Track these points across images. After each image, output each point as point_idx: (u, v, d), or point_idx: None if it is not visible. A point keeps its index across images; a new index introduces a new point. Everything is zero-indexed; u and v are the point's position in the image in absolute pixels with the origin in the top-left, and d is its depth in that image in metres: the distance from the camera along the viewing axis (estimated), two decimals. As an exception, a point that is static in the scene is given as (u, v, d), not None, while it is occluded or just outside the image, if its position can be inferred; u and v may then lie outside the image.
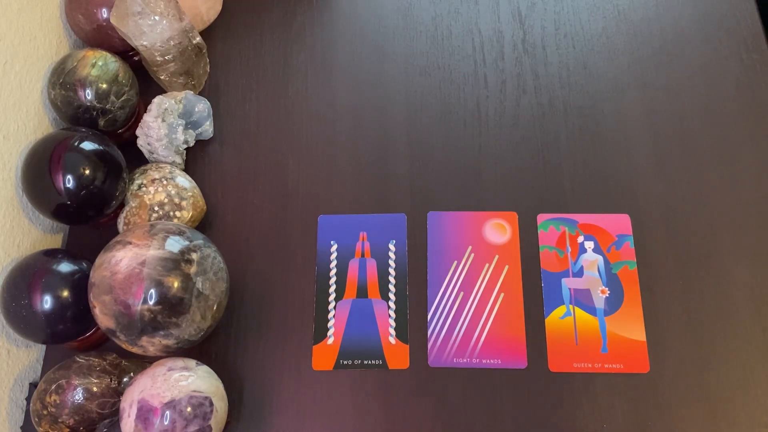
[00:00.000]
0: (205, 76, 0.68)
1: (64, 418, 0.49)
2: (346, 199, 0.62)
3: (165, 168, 0.60)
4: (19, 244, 0.58)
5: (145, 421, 0.47)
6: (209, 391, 0.49)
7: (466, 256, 0.59)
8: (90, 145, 0.55)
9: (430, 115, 0.65)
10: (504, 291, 0.57)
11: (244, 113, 0.66)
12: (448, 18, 0.69)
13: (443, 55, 0.68)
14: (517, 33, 0.68)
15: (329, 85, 0.67)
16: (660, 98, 0.64)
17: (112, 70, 0.59)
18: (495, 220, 0.60)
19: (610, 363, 0.54)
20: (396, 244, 0.60)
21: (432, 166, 0.63)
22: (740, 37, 0.66)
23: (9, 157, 0.57)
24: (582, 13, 0.69)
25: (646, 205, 0.60)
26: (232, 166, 0.64)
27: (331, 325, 0.57)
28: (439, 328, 0.56)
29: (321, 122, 0.65)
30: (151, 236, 0.49)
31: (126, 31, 0.60)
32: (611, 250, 0.58)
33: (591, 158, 0.62)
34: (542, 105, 0.65)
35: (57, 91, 0.58)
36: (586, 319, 0.56)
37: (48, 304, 0.51)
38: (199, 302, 0.49)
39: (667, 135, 0.63)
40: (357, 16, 0.70)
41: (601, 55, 0.66)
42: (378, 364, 0.55)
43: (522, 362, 0.55)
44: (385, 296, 0.58)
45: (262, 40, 0.70)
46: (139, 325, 0.48)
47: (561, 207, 0.60)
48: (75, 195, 0.53)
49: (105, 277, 0.48)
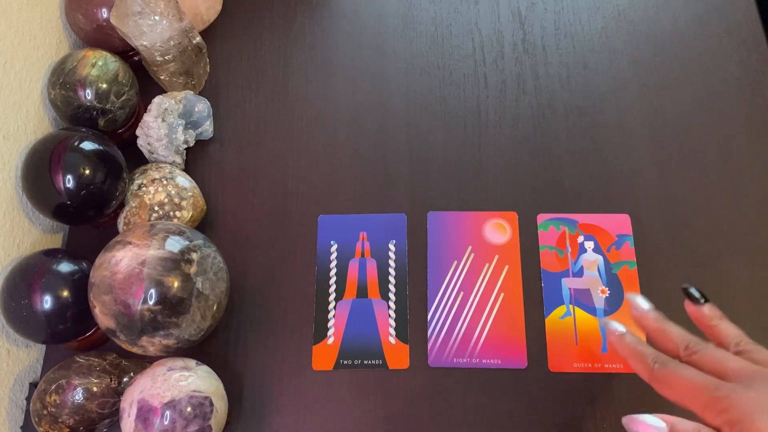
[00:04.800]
0: (205, 76, 0.68)
1: (64, 418, 0.49)
2: (346, 199, 0.62)
3: (165, 168, 0.60)
4: (19, 244, 0.58)
5: (145, 421, 0.47)
6: (209, 391, 0.49)
7: (466, 256, 0.59)
8: (90, 145, 0.55)
9: (430, 115, 0.65)
10: (504, 291, 0.57)
11: (244, 113, 0.66)
12: (448, 18, 0.69)
13: (443, 55, 0.68)
14: (517, 33, 0.68)
15: (329, 85, 0.67)
16: (660, 98, 0.64)
17: (112, 70, 0.59)
18: (495, 220, 0.60)
19: (610, 363, 0.54)
20: (396, 244, 0.60)
21: (432, 166, 0.63)
22: (740, 37, 0.66)
23: (9, 157, 0.57)
24: (582, 13, 0.69)
25: (646, 205, 0.60)
26: (232, 166, 0.64)
27: (331, 325, 0.57)
28: (439, 328, 0.56)
29: (321, 122, 0.65)
30: (151, 236, 0.49)
31: (126, 31, 0.60)
32: (611, 250, 0.58)
33: (591, 158, 0.62)
34: (542, 105, 0.65)
35: (57, 91, 0.58)
36: (586, 319, 0.56)
37: (48, 304, 0.51)
38: (199, 302, 0.49)
39: (667, 135, 0.63)
40: (357, 16, 0.70)
41: (601, 55, 0.66)
42: (378, 364, 0.55)
43: (522, 362, 0.55)
44: (385, 296, 0.58)
45: (262, 40, 0.70)
46: (139, 325, 0.48)
47: (561, 207, 0.60)
48: (75, 195, 0.53)
49: (105, 277, 0.48)
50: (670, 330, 0.44)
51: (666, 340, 0.43)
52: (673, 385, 0.40)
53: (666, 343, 0.43)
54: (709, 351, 0.41)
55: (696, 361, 0.41)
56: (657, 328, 0.44)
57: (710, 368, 0.40)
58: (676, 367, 0.41)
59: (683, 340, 0.42)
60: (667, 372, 0.40)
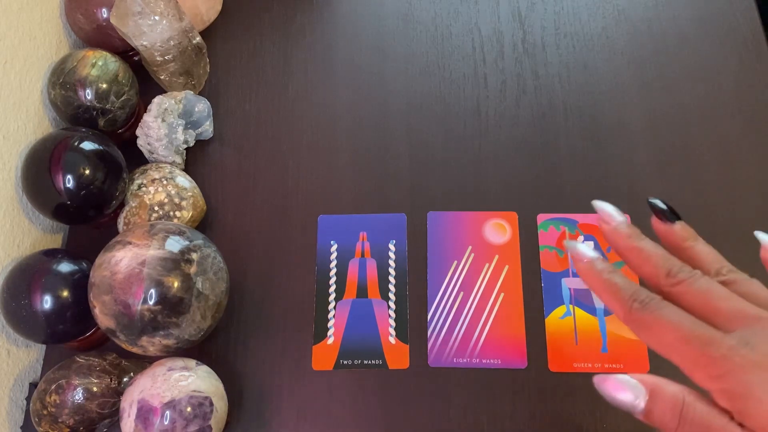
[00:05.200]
0: (205, 76, 0.68)
1: (64, 418, 0.49)
2: (346, 199, 0.62)
3: (165, 168, 0.60)
4: (19, 244, 0.58)
5: (145, 421, 0.47)
6: (209, 391, 0.49)
7: (466, 256, 0.59)
8: (90, 145, 0.55)
9: (430, 115, 0.65)
10: (504, 291, 0.57)
11: (244, 113, 0.66)
12: (448, 18, 0.69)
13: (443, 55, 0.68)
14: (517, 33, 0.68)
15: (329, 85, 0.67)
16: (660, 98, 0.64)
17: (112, 70, 0.59)
18: (495, 220, 0.60)
19: (610, 363, 0.54)
20: (396, 244, 0.60)
21: (432, 166, 0.63)
22: (740, 37, 0.66)
23: (9, 157, 0.57)
24: (582, 13, 0.69)
25: (646, 205, 0.60)
26: (232, 166, 0.64)
27: (331, 325, 0.57)
28: (439, 328, 0.56)
29: (321, 122, 0.65)
30: (151, 236, 0.49)
31: (126, 31, 0.60)
32: (611, 250, 0.58)
33: (591, 158, 0.62)
34: (542, 105, 0.65)
35: (57, 91, 0.58)
36: (586, 319, 0.56)
37: (48, 304, 0.51)
38: (199, 302, 0.49)
39: (667, 135, 0.63)
40: (357, 16, 0.70)
41: (601, 55, 0.67)
42: (378, 364, 0.55)
43: (522, 362, 0.55)
44: (385, 296, 0.58)
45: (262, 40, 0.70)
46: (139, 325, 0.48)
47: (561, 207, 0.60)
48: (75, 195, 0.53)
49: (105, 277, 0.48)
50: (649, 250, 0.35)
51: (643, 263, 0.35)
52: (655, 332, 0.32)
53: (643, 267, 0.35)
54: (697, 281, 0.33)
55: (679, 293, 0.33)
56: (631, 247, 0.35)
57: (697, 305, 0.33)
58: (659, 307, 0.32)
59: (665, 264, 0.34)
60: (647, 314, 0.32)
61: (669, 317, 0.32)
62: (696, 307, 0.33)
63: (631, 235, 0.36)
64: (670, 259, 0.35)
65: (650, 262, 0.35)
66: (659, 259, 0.35)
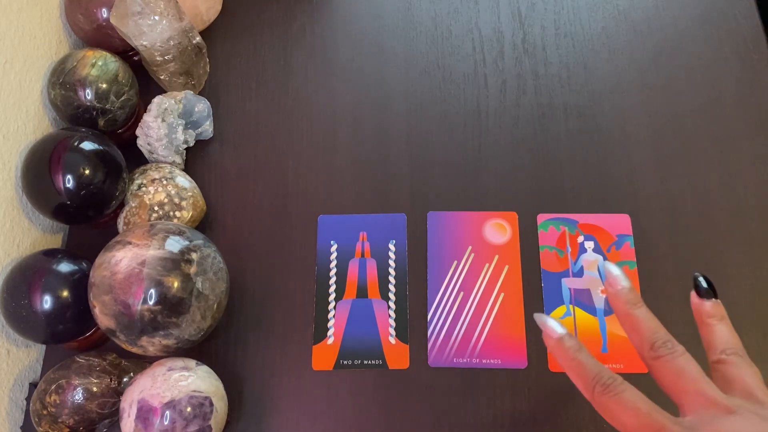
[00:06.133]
0: (205, 76, 0.68)
1: (64, 418, 0.49)
2: (346, 199, 0.62)
3: (165, 168, 0.60)
4: (19, 244, 0.58)
5: (145, 421, 0.47)
6: (209, 391, 0.49)
7: (466, 256, 0.59)
8: (90, 145, 0.55)
9: (430, 115, 0.65)
10: (504, 291, 0.57)
11: (244, 113, 0.66)
12: (448, 18, 0.69)
13: (443, 55, 0.68)
14: (517, 33, 0.68)
15: (329, 85, 0.67)
16: (660, 98, 0.64)
17: (112, 70, 0.59)
18: (495, 220, 0.60)
19: (611, 363, 0.54)
20: (396, 244, 0.60)
21: (432, 166, 0.63)
22: (740, 37, 0.66)
23: (9, 157, 0.57)
24: (582, 13, 0.69)
25: (646, 205, 0.60)
26: (232, 166, 0.64)
27: (331, 325, 0.57)
28: (439, 328, 0.56)
29: (321, 122, 0.65)
30: (151, 236, 0.49)
31: (126, 31, 0.60)
32: (611, 250, 0.58)
33: (591, 158, 0.62)
34: (542, 105, 0.65)
35: (57, 91, 0.58)
36: (586, 319, 0.56)
37: (48, 304, 0.51)
38: (199, 302, 0.49)
39: (667, 135, 0.63)
40: (357, 16, 0.70)
41: (601, 55, 0.66)
42: (378, 364, 0.55)
43: (522, 362, 0.55)
44: (385, 296, 0.58)
45: (262, 40, 0.70)
46: (139, 325, 0.48)
47: (561, 207, 0.60)
48: (75, 195, 0.53)
49: (105, 277, 0.48)
50: (641, 320, 0.38)
51: (633, 331, 0.39)
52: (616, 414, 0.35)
53: (632, 335, 0.39)
54: (675, 359, 0.36)
55: (657, 366, 0.37)
56: (628, 314, 0.39)
57: (668, 382, 0.36)
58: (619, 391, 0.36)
59: (651, 337, 0.37)
60: (607, 397, 0.36)
61: (627, 402, 0.35)
62: (667, 383, 0.36)
63: (629, 301, 0.39)
64: (657, 332, 0.38)
65: (639, 331, 0.38)
66: (647, 331, 0.38)
